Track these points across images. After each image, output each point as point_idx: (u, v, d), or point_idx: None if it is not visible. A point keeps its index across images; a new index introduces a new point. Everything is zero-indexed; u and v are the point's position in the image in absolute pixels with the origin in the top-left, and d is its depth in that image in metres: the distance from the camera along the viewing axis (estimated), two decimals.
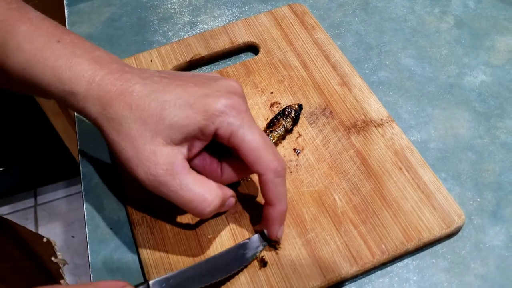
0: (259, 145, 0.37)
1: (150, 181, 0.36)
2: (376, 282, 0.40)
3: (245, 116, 0.37)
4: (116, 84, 0.36)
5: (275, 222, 0.39)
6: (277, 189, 0.38)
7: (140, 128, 0.36)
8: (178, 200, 0.37)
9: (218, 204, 0.37)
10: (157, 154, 0.36)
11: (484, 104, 0.51)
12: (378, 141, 0.46)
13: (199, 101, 0.36)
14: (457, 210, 0.41)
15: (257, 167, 0.37)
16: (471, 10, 0.60)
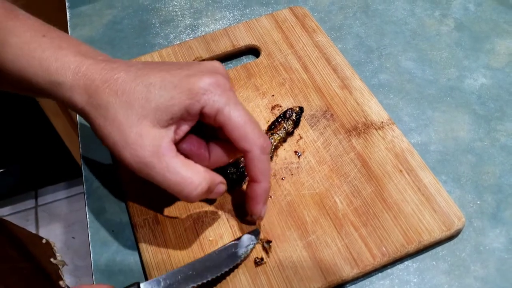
0: (246, 122, 0.37)
1: (137, 164, 0.36)
2: (377, 284, 0.40)
3: (230, 93, 0.38)
4: (102, 73, 0.37)
5: (260, 200, 0.40)
6: (263, 166, 0.39)
7: (126, 112, 0.36)
8: (164, 182, 0.37)
9: (205, 187, 0.37)
10: (144, 136, 0.36)
11: (484, 106, 0.51)
12: (378, 143, 0.46)
13: (183, 81, 0.37)
14: (457, 212, 0.41)
15: (244, 144, 0.37)
16: (471, 13, 0.60)
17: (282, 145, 0.48)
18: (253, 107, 0.51)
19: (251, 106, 0.51)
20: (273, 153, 0.47)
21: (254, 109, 0.51)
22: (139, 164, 0.36)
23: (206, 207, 0.44)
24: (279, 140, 0.47)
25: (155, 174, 0.36)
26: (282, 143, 0.48)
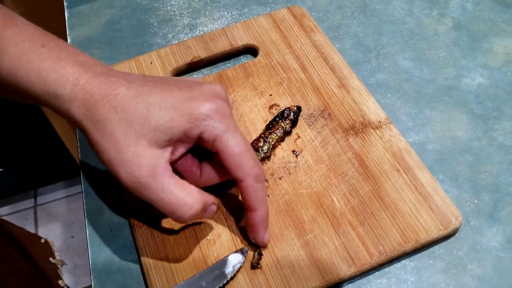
0: (242, 150, 0.38)
1: (132, 183, 0.36)
2: (374, 283, 0.40)
3: (230, 121, 0.38)
4: (101, 87, 0.36)
5: (260, 227, 0.40)
6: (257, 194, 0.39)
7: (125, 130, 0.36)
8: (159, 203, 0.37)
9: (199, 209, 0.37)
10: (141, 156, 0.36)
11: (482, 106, 0.51)
12: (376, 143, 0.47)
13: (184, 104, 0.37)
14: (454, 211, 0.42)
15: (238, 173, 0.38)
16: (469, 13, 0.60)
17: (280, 144, 0.48)
18: (251, 107, 0.51)
19: (249, 106, 0.51)
20: (271, 152, 0.47)
21: (252, 108, 0.51)
22: (135, 183, 0.36)
23: None
24: (277, 139, 0.47)
25: (150, 194, 0.36)
26: (280, 143, 0.48)
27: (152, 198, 0.37)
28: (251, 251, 0.41)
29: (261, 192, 0.39)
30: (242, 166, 0.38)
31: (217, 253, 0.41)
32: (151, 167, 0.36)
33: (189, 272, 0.40)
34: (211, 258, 0.41)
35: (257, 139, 0.47)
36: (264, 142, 0.47)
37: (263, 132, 0.48)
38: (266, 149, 0.46)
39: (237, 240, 0.42)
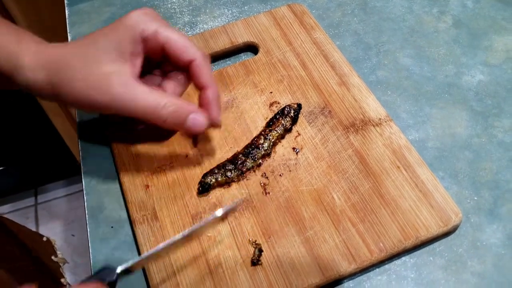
0: (183, 37, 0.43)
1: (111, 99, 0.41)
2: (374, 279, 0.41)
3: (162, 20, 0.44)
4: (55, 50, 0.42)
5: (215, 104, 0.44)
6: (208, 71, 0.44)
7: (85, 66, 0.41)
8: (136, 110, 0.41)
9: (172, 108, 0.41)
10: (107, 75, 0.41)
11: (482, 103, 0.51)
12: (376, 140, 0.47)
13: (117, 23, 0.43)
14: (454, 208, 0.42)
15: (187, 55, 0.43)
16: (469, 10, 0.60)
17: (280, 141, 0.48)
18: (251, 104, 0.51)
19: (249, 103, 0.51)
20: (271, 149, 0.47)
21: (253, 106, 0.51)
22: (110, 97, 0.41)
23: (204, 203, 0.44)
24: (277, 136, 0.47)
25: (127, 103, 0.41)
26: (280, 140, 0.48)
27: (128, 106, 0.41)
28: (252, 247, 0.41)
29: (210, 70, 0.44)
30: (190, 47, 0.43)
31: (217, 250, 0.41)
32: (120, 80, 0.41)
33: (189, 268, 0.40)
34: (211, 254, 0.41)
35: (258, 137, 0.47)
36: (264, 139, 0.47)
37: (263, 130, 0.48)
38: (266, 146, 0.46)
39: (238, 236, 0.42)
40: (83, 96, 0.41)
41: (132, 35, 0.42)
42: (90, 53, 0.42)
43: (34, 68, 0.42)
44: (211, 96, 0.44)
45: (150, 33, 0.42)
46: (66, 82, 0.41)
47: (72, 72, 0.41)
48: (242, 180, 0.45)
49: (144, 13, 0.43)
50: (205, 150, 0.48)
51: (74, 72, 0.41)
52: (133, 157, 0.48)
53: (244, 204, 0.44)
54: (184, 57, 0.43)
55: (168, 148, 0.49)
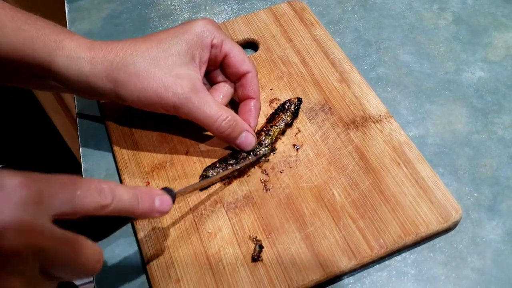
0: (242, 50, 0.47)
1: (180, 100, 0.43)
2: (374, 275, 0.41)
3: (223, 31, 0.47)
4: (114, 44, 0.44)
5: (256, 114, 0.47)
6: (258, 85, 0.48)
7: (156, 66, 0.43)
8: (201, 115, 0.43)
9: (231, 123, 0.44)
10: (181, 77, 0.43)
11: (482, 100, 0.51)
12: (376, 136, 0.47)
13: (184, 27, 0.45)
14: (454, 204, 0.42)
15: (245, 66, 0.47)
16: (469, 7, 0.60)
17: (281, 138, 0.48)
18: None
19: None
20: (272, 145, 0.47)
21: None
22: (182, 100, 0.43)
23: (204, 199, 0.44)
24: (278, 132, 0.47)
25: (193, 108, 0.43)
26: (281, 136, 0.48)
27: (195, 111, 0.43)
28: (252, 244, 0.41)
29: (258, 84, 0.48)
30: (247, 60, 0.47)
31: (218, 246, 0.41)
32: (192, 85, 0.43)
33: (190, 265, 0.41)
34: (211, 251, 0.41)
35: (259, 133, 0.47)
36: (266, 136, 0.47)
37: (264, 125, 0.48)
38: (268, 142, 0.46)
39: (238, 232, 0.42)
40: (151, 95, 0.43)
41: (203, 42, 0.45)
42: (162, 56, 0.43)
43: (92, 61, 0.43)
44: (255, 107, 0.47)
45: (217, 42, 0.45)
46: (132, 79, 0.42)
47: (139, 71, 0.42)
48: (242, 177, 0.45)
49: (211, 22, 0.46)
50: (205, 147, 0.48)
51: (141, 71, 0.42)
52: (134, 154, 0.48)
53: (244, 201, 0.44)
54: (243, 68, 0.47)
55: (168, 145, 0.49)
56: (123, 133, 0.50)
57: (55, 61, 0.42)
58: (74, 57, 0.42)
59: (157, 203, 0.36)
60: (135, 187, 0.36)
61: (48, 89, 0.46)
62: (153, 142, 0.49)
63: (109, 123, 0.51)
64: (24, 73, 0.44)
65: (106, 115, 0.52)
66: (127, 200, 0.34)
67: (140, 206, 0.34)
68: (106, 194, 0.32)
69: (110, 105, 0.52)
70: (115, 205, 0.32)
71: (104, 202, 0.32)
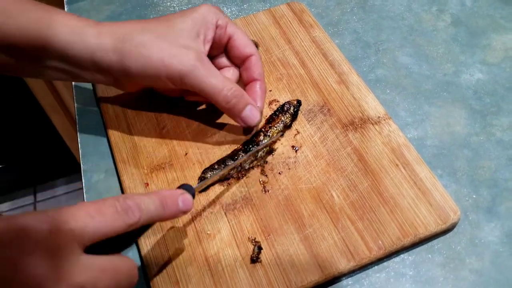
0: (246, 34, 0.48)
1: (186, 67, 0.43)
2: (373, 277, 0.41)
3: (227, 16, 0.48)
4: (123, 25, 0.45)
5: (262, 96, 0.48)
6: (262, 67, 0.48)
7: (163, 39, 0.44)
8: (206, 84, 0.44)
9: (237, 93, 0.45)
10: (186, 47, 0.44)
11: (480, 102, 0.51)
12: (375, 138, 0.47)
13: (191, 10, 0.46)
14: (453, 206, 0.42)
15: (249, 49, 0.48)
16: (468, 9, 0.60)
17: (280, 139, 0.48)
18: None
19: None
20: (270, 146, 0.47)
21: None
22: (188, 67, 0.43)
23: (203, 201, 0.44)
24: (277, 133, 0.47)
25: (201, 76, 0.43)
26: (279, 137, 0.48)
27: (201, 80, 0.43)
28: (251, 245, 0.41)
29: (262, 66, 0.49)
30: (250, 43, 0.48)
31: (217, 248, 0.41)
32: (198, 55, 0.44)
33: (189, 266, 0.41)
34: (210, 253, 0.41)
35: (258, 134, 0.47)
36: (264, 136, 0.47)
37: (263, 126, 0.48)
38: (265, 142, 0.47)
39: (237, 234, 0.42)
40: (156, 63, 0.43)
41: (208, 22, 0.46)
42: (169, 31, 0.44)
43: (98, 35, 0.43)
44: (260, 89, 0.48)
45: (222, 24, 0.47)
46: (138, 49, 0.43)
47: (145, 42, 0.43)
48: (241, 178, 0.45)
49: (215, 7, 0.47)
50: (204, 148, 0.48)
51: (148, 42, 0.43)
52: (133, 155, 0.48)
53: (243, 202, 0.44)
54: (246, 51, 0.48)
55: (167, 146, 0.49)
56: (123, 134, 0.50)
57: (62, 39, 0.42)
58: (80, 33, 0.43)
59: (180, 205, 0.36)
60: (157, 192, 0.36)
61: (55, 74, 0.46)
62: (152, 144, 0.49)
63: (109, 124, 0.51)
64: (31, 55, 0.44)
65: (106, 115, 0.52)
66: (154, 210, 0.34)
67: (166, 211, 0.35)
68: (133, 212, 0.33)
69: (110, 105, 0.52)
70: (143, 219, 0.33)
71: (133, 220, 0.32)
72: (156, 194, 0.35)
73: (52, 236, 0.28)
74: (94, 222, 0.30)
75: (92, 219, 0.30)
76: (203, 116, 0.51)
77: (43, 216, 0.29)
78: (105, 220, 0.31)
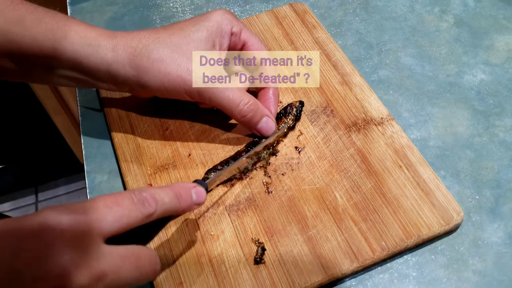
0: (260, 39, 0.49)
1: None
2: (376, 278, 0.41)
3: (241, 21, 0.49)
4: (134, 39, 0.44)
5: (275, 101, 0.48)
6: (275, 71, 0.49)
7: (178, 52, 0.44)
8: (223, 99, 0.44)
9: (252, 108, 0.45)
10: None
11: (483, 102, 0.51)
12: (378, 139, 0.47)
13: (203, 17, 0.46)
14: (456, 207, 0.42)
15: (263, 54, 0.48)
16: (470, 9, 0.60)
17: (283, 140, 0.48)
18: None
19: None
20: (274, 148, 0.47)
21: None
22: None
23: (207, 202, 0.44)
24: (280, 135, 0.47)
25: (218, 92, 0.44)
26: (282, 139, 0.48)
27: (218, 95, 0.44)
28: (255, 246, 0.41)
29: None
30: (264, 49, 0.48)
31: (220, 249, 0.41)
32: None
33: (193, 267, 0.41)
34: (214, 254, 0.41)
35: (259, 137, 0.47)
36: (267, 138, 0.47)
37: None
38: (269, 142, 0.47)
39: (240, 235, 0.42)
40: (175, 79, 0.43)
41: (222, 30, 0.46)
42: (184, 42, 0.44)
43: (114, 48, 0.43)
44: (273, 95, 0.48)
45: (236, 31, 0.47)
46: (155, 65, 0.43)
47: (162, 57, 0.43)
48: (244, 179, 0.46)
49: (229, 12, 0.47)
50: (208, 149, 0.48)
51: (165, 57, 0.43)
52: (136, 156, 0.48)
53: (246, 203, 0.44)
54: (260, 57, 0.48)
55: (171, 147, 0.49)
56: (126, 135, 0.50)
57: (77, 50, 0.43)
58: (95, 45, 0.43)
59: (194, 197, 0.37)
60: (171, 186, 0.37)
61: (67, 82, 0.46)
62: (156, 145, 0.49)
63: (112, 125, 0.51)
64: (45, 65, 0.44)
65: (109, 116, 0.52)
66: (169, 202, 0.35)
67: (181, 204, 0.36)
68: (149, 203, 0.33)
69: (113, 107, 0.52)
70: (159, 210, 0.34)
71: (149, 211, 0.33)
72: (170, 187, 0.36)
73: (73, 228, 0.29)
74: (112, 213, 0.31)
75: (110, 210, 0.31)
76: (206, 117, 0.51)
77: (63, 209, 0.30)
78: (123, 210, 0.32)
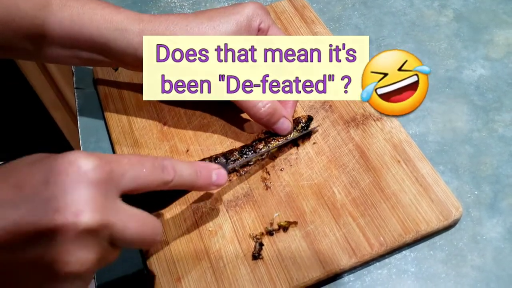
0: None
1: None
2: (375, 273, 0.41)
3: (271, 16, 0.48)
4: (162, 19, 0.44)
5: (295, 103, 0.48)
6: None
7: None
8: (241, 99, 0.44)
9: (270, 110, 0.44)
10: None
11: (482, 97, 0.51)
12: (377, 134, 0.47)
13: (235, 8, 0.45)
14: (454, 202, 0.42)
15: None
16: (470, 4, 0.60)
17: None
18: None
19: None
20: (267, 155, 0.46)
21: None
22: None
23: (205, 198, 0.44)
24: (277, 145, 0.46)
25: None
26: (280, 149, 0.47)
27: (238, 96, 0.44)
28: (253, 241, 0.41)
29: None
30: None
31: (218, 244, 0.41)
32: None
33: (191, 263, 0.41)
34: (212, 249, 0.41)
35: (259, 141, 0.46)
36: (264, 146, 0.46)
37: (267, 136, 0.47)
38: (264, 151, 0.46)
39: (239, 230, 0.42)
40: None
41: (251, 26, 0.45)
42: (211, 32, 0.44)
43: (141, 33, 0.43)
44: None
45: (264, 27, 0.46)
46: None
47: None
48: (243, 174, 0.45)
49: (261, 7, 0.46)
50: (206, 145, 0.48)
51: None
52: (134, 151, 0.48)
53: (245, 199, 0.44)
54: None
55: (169, 143, 0.49)
56: (124, 130, 0.50)
57: (103, 34, 0.43)
58: (122, 30, 0.43)
59: (214, 177, 0.38)
60: (194, 162, 0.38)
61: (91, 63, 0.47)
62: (154, 140, 0.49)
63: (110, 120, 0.51)
64: (68, 48, 0.44)
65: (107, 111, 0.52)
66: (188, 175, 0.36)
67: (199, 180, 0.37)
68: (169, 171, 0.34)
69: (111, 102, 0.52)
70: (176, 180, 0.35)
71: (167, 178, 0.34)
72: (192, 163, 0.37)
73: (96, 174, 0.30)
74: (133, 170, 0.32)
75: (132, 167, 0.32)
76: (205, 112, 0.50)
77: (91, 155, 0.31)
78: (143, 170, 0.33)
